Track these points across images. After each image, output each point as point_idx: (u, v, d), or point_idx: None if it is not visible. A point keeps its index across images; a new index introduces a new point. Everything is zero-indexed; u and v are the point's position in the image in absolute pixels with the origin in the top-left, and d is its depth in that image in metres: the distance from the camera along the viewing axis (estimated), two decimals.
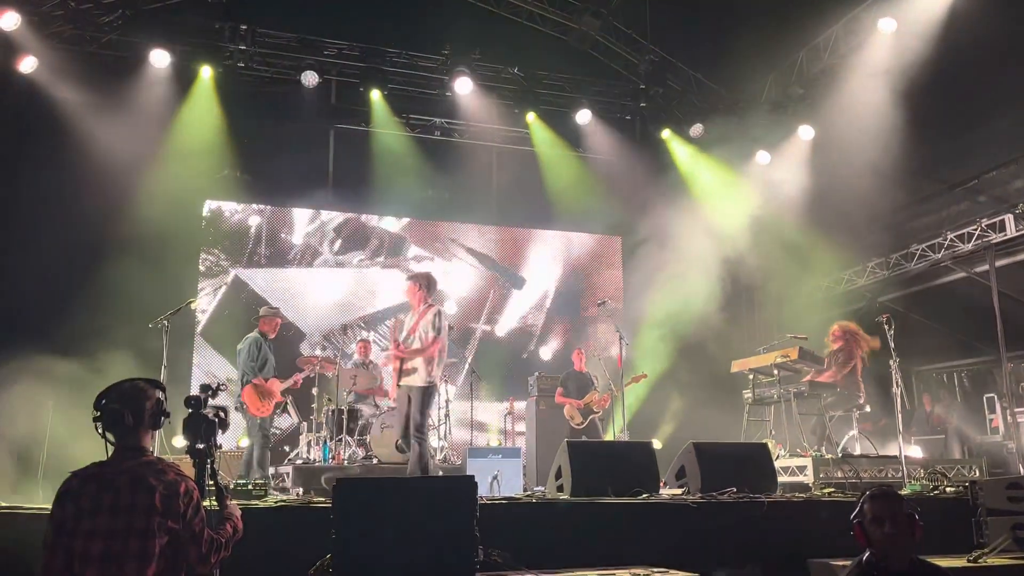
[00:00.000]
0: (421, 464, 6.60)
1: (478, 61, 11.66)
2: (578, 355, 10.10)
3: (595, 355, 10.21)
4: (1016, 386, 9.68)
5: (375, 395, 9.67)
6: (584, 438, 9.23)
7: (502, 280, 12.79)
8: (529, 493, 7.61)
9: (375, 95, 11.52)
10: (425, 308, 6.90)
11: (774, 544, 5.40)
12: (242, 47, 10.83)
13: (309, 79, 11.02)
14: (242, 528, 3.22)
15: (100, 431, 2.98)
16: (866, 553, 3.23)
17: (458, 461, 9.21)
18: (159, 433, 3.58)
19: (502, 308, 12.67)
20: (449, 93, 11.82)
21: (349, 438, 8.72)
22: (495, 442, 11.51)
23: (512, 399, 11.09)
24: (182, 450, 3.95)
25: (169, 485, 2.88)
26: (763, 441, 7.87)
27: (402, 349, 6.77)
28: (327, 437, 8.77)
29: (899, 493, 3.29)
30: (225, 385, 5.82)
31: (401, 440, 7.01)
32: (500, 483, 8.37)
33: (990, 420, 10.56)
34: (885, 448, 8.77)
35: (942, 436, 10.82)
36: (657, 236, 11.58)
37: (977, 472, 7.87)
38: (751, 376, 8.91)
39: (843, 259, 11.57)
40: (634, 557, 4.89)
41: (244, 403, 7.61)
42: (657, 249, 11.48)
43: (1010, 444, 9.38)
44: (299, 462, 8.74)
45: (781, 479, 6.99)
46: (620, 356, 8.90)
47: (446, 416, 9.77)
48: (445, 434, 9.74)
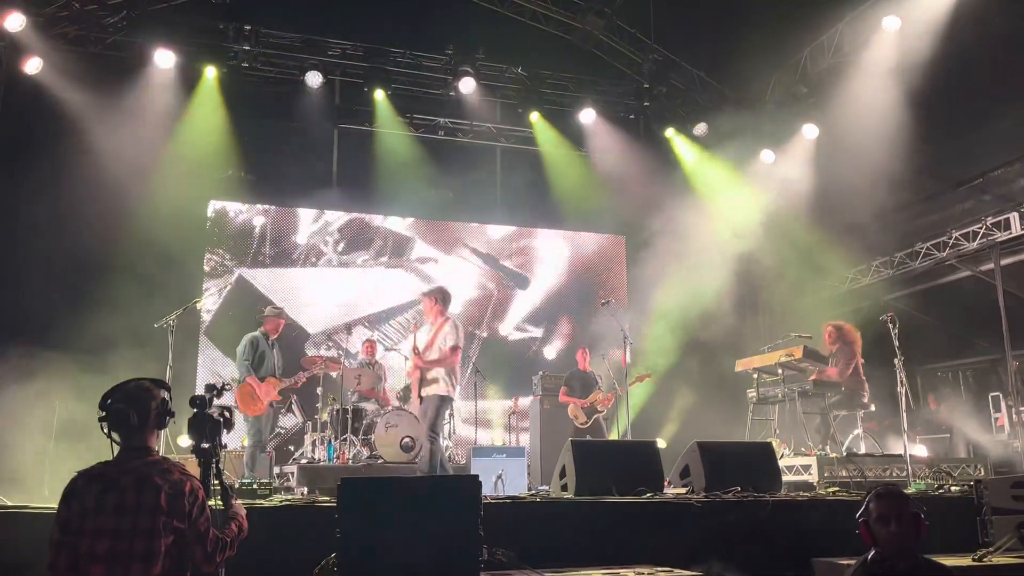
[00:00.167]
0: (431, 464, 6.85)
1: (482, 61, 11.68)
2: (582, 354, 10.09)
3: (599, 354, 10.20)
4: (1021, 384, 9.65)
5: (379, 397, 9.68)
6: (588, 437, 9.24)
7: (506, 280, 12.78)
8: (533, 492, 7.61)
9: (379, 95, 11.53)
10: (442, 320, 7.14)
11: (779, 543, 5.39)
12: (246, 47, 10.87)
13: (313, 79, 11.06)
14: (247, 527, 3.24)
15: (106, 431, 2.99)
16: (871, 552, 3.23)
17: (462, 460, 9.23)
18: (164, 433, 3.60)
19: (506, 308, 12.67)
20: (453, 93, 11.83)
21: (354, 437, 8.73)
22: (499, 441, 11.50)
23: (516, 398, 11.09)
24: (187, 450, 3.96)
25: (174, 485, 2.89)
26: (767, 440, 7.86)
27: (422, 359, 6.98)
28: (332, 436, 8.79)
29: (904, 492, 3.29)
30: (230, 385, 5.83)
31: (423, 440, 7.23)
32: (504, 482, 8.40)
33: (995, 419, 10.54)
34: (889, 447, 8.75)
35: (947, 435, 10.80)
36: (661, 235, 11.56)
37: (982, 471, 7.85)
38: (755, 375, 8.90)
39: (848, 258, 11.54)
40: (638, 556, 4.89)
41: (236, 402, 7.67)
42: (661, 248, 11.45)
43: (1015, 443, 9.36)
44: (304, 461, 8.76)
45: (785, 478, 6.98)
46: (624, 355, 8.90)
47: (450, 415, 9.77)
48: (450, 433, 9.74)
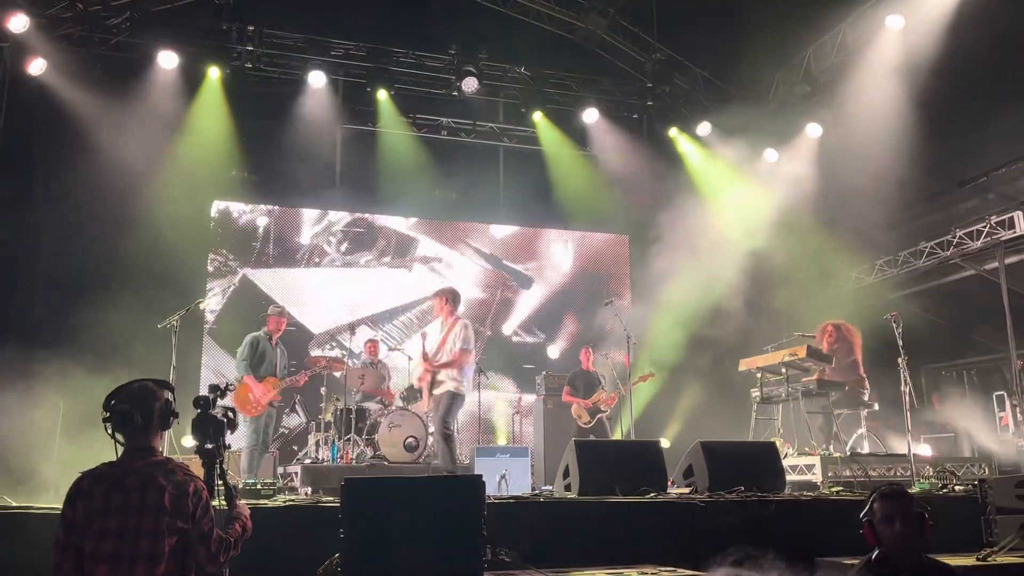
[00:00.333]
0: (451, 460, 6.96)
1: (485, 61, 11.67)
2: (585, 354, 10.09)
3: (602, 354, 10.20)
4: None
5: (383, 395, 9.69)
6: (592, 437, 9.23)
7: (509, 280, 12.79)
8: (537, 492, 7.61)
9: (382, 95, 11.54)
10: (452, 321, 7.17)
11: (782, 543, 5.38)
12: (249, 48, 10.90)
13: (316, 80, 11.07)
14: (251, 527, 3.24)
15: (110, 432, 3.00)
16: (875, 552, 3.23)
17: (466, 460, 9.23)
18: (168, 433, 3.60)
19: (509, 308, 12.67)
20: (456, 93, 11.83)
21: (357, 437, 8.74)
22: (503, 441, 11.53)
23: (520, 398, 11.09)
24: (191, 450, 3.97)
25: (178, 485, 2.90)
26: (771, 440, 7.85)
27: (432, 363, 7.00)
28: (335, 436, 8.80)
29: (909, 491, 3.28)
30: (233, 385, 5.83)
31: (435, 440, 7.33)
32: (508, 482, 8.41)
33: (1000, 418, 10.51)
34: (891, 446, 8.74)
35: (951, 434, 10.76)
36: (665, 235, 11.55)
37: (986, 470, 7.84)
38: (759, 375, 8.88)
39: (852, 257, 11.52)
40: (641, 556, 4.89)
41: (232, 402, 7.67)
42: (665, 248, 11.44)
43: (1020, 442, 9.33)
44: (308, 462, 8.77)
45: (789, 478, 6.98)
46: (627, 355, 8.90)
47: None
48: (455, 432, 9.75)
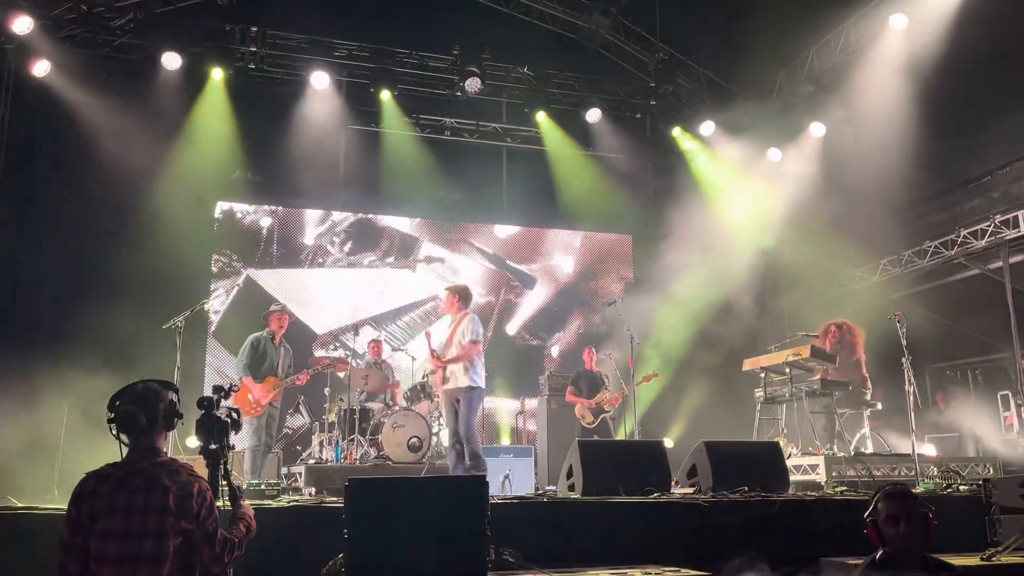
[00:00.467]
0: (477, 463, 6.89)
1: (488, 61, 11.67)
2: (589, 354, 10.08)
3: (605, 354, 10.20)
4: None
5: (391, 388, 9.70)
6: (595, 437, 9.23)
7: (512, 280, 12.79)
8: (540, 492, 7.61)
9: (385, 96, 11.56)
10: (461, 316, 7.25)
11: (786, 543, 5.38)
12: (252, 49, 10.93)
13: (319, 80, 11.08)
14: (255, 528, 3.25)
15: (114, 432, 3.01)
16: (879, 551, 3.22)
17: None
18: (172, 434, 3.61)
19: (513, 308, 12.67)
20: (459, 93, 11.83)
21: (361, 438, 8.74)
22: (507, 441, 11.53)
23: (523, 398, 11.09)
24: (195, 451, 3.98)
25: (183, 486, 2.91)
26: (775, 440, 7.85)
27: (441, 359, 7.06)
28: (339, 437, 8.80)
29: (913, 491, 3.28)
30: (237, 386, 5.83)
31: (448, 445, 7.30)
32: (512, 482, 8.41)
33: (1004, 417, 10.49)
34: (896, 446, 8.72)
35: (955, 434, 10.74)
36: (668, 235, 11.55)
37: (991, 470, 7.82)
38: (763, 375, 8.87)
39: (856, 257, 11.51)
40: (645, 556, 4.88)
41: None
42: (668, 248, 11.44)
43: None
44: (311, 462, 8.78)
45: (793, 477, 6.97)
46: (631, 355, 8.89)
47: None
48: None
